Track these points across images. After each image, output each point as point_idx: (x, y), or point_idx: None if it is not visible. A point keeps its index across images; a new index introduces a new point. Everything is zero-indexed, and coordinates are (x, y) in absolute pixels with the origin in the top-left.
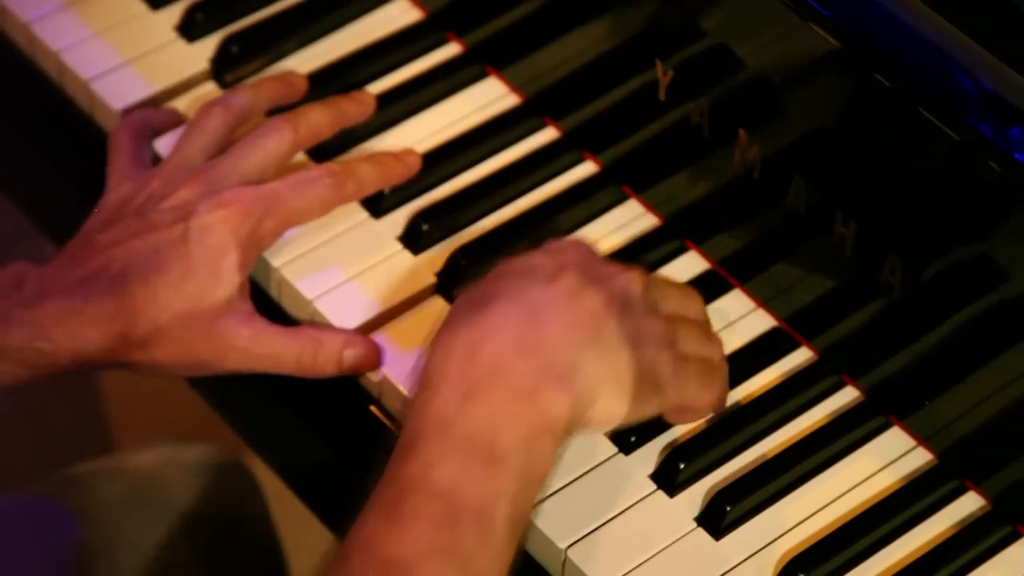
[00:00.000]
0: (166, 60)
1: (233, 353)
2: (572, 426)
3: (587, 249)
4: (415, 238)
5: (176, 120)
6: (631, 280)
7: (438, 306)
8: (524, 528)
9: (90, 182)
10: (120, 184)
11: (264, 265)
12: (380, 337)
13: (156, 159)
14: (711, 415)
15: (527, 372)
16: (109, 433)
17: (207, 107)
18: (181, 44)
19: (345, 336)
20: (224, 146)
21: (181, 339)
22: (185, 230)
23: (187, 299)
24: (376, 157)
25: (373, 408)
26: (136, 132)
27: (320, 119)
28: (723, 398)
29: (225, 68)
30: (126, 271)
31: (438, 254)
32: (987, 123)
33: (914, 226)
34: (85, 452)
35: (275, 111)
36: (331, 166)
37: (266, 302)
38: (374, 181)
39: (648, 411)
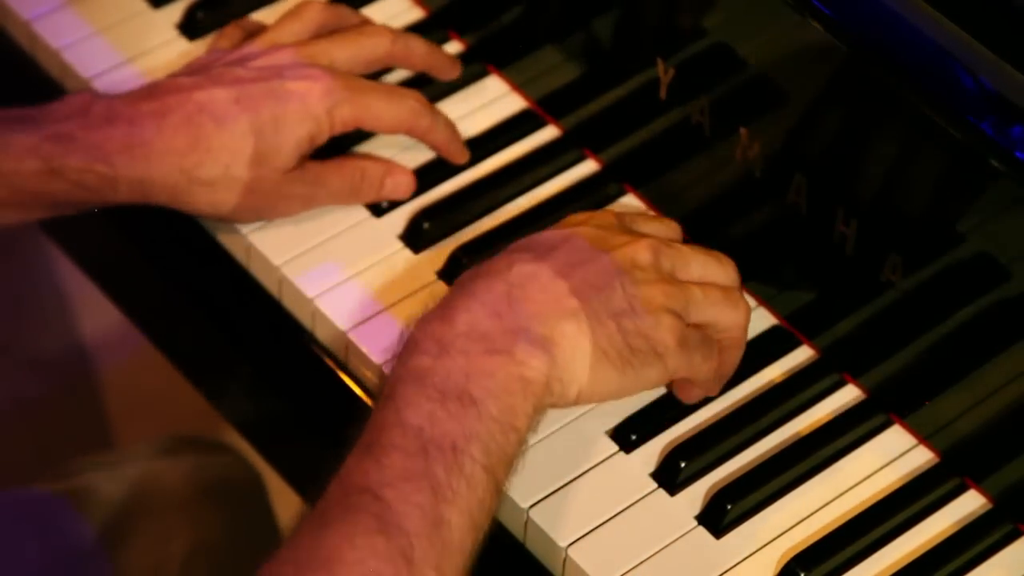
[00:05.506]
0: (167, 59)
1: (295, 201)
2: (553, 389)
3: (607, 218)
4: (416, 237)
5: None
6: (637, 250)
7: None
8: (501, 487)
9: None
10: (211, 52)
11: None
12: (384, 317)
13: None
14: (714, 393)
15: (502, 334)
16: (109, 431)
17: (310, 1)
18: (182, 42)
19: (384, 165)
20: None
21: (246, 185)
22: (268, 89)
23: (256, 153)
24: (454, 126)
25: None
26: (246, 34)
27: (418, 48)
28: (729, 369)
29: None
30: (202, 111)
31: (439, 253)
32: (988, 121)
33: (915, 224)
34: (86, 449)
35: None
36: (419, 94)
37: (266, 299)
38: (443, 138)
39: (647, 382)
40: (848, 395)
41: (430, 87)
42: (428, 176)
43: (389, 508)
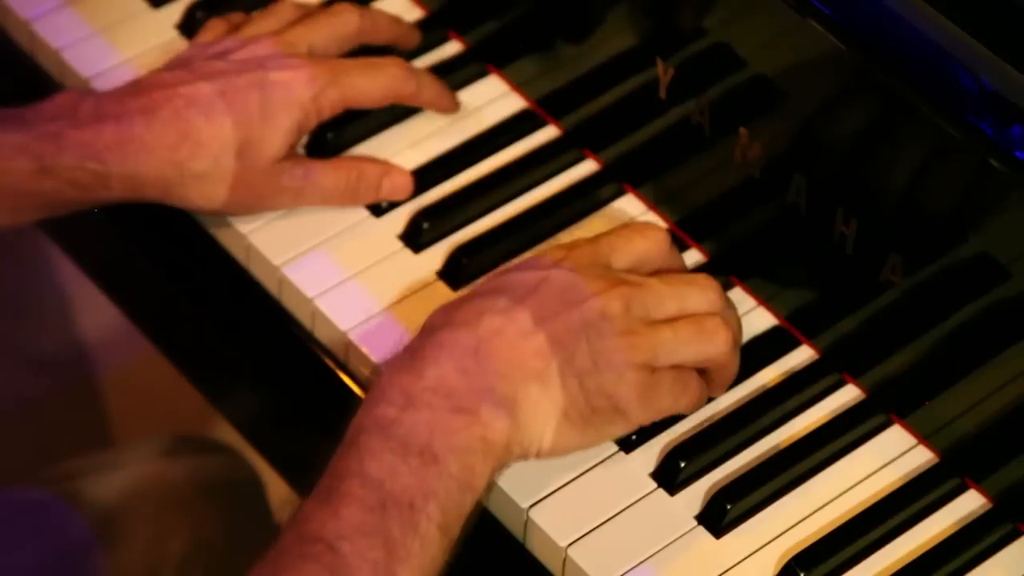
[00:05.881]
0: (167, 58)
1: (286, 194)
2: (513, 451)
3: (585, 254)
4: (416, 237)
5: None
6: (608, 301)
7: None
8: (453, 543)
9: None
10: (192, 48)
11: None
12: (384, 317)
13: None
14: (718, 396)
15: (468, 392)
16: (109, 431)
17: (281, 1)
18: (182, 42)
19: (382, 167)
20: None
21: (237, 177)
22: (253, 81)
23: (245, 145)
24: (438, 80)
25: None
26: (230, 27)
27: (383, 20)
28: (727, 381)
29: None
30: (191, 105)
31: (439, 253)
32: (988, 121)
33: (915, 224)
34: (85, 449)
35: None
36: (399, 60)
37: (266, 299)
38: (431, 95)
39: (609, 437)
40: (848, 395)
41: None
42: (428, 176)
43: (343, 562)
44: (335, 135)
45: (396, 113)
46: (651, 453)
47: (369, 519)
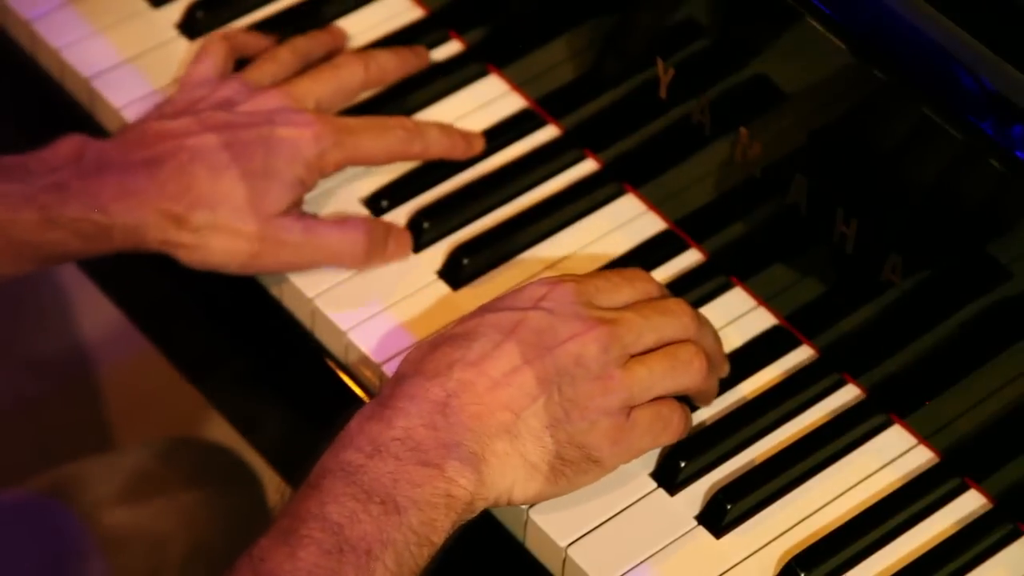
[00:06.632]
0: (167, 58)
1: (286, 249)
2: (476, 506)
3: (567, 293)
4: (416, 237)
5: (265, 47)
6: (585, 344)
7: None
8: None
9: None
10: (195, 86)
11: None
12: (384, 317)
13: None
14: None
15: (436, 447)
16: (109, 431)
17: (279, 45)
18: (182, 42)
19: (386, 226)
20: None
21: (237, 231)
22: (260, 136)
23: (246, 199)
24: (446, 127)
25: None
26: (230, 48)
27: (387, 62)
28: (712, 394)
29: None
30: (195, 159)
31: (439, 252)
32: (988, 121)
33: (915, 224)
34: (85, 450)
35: None
36: (405, 121)
37: (266, 299)
38: (441, 148)
39: (581, 485)
40: (848, 395)
41: (430, 88)
42: (428, 176)
43: None
44: None
45: (392, 115)
46: (651, 453)
47: (325, 563)
